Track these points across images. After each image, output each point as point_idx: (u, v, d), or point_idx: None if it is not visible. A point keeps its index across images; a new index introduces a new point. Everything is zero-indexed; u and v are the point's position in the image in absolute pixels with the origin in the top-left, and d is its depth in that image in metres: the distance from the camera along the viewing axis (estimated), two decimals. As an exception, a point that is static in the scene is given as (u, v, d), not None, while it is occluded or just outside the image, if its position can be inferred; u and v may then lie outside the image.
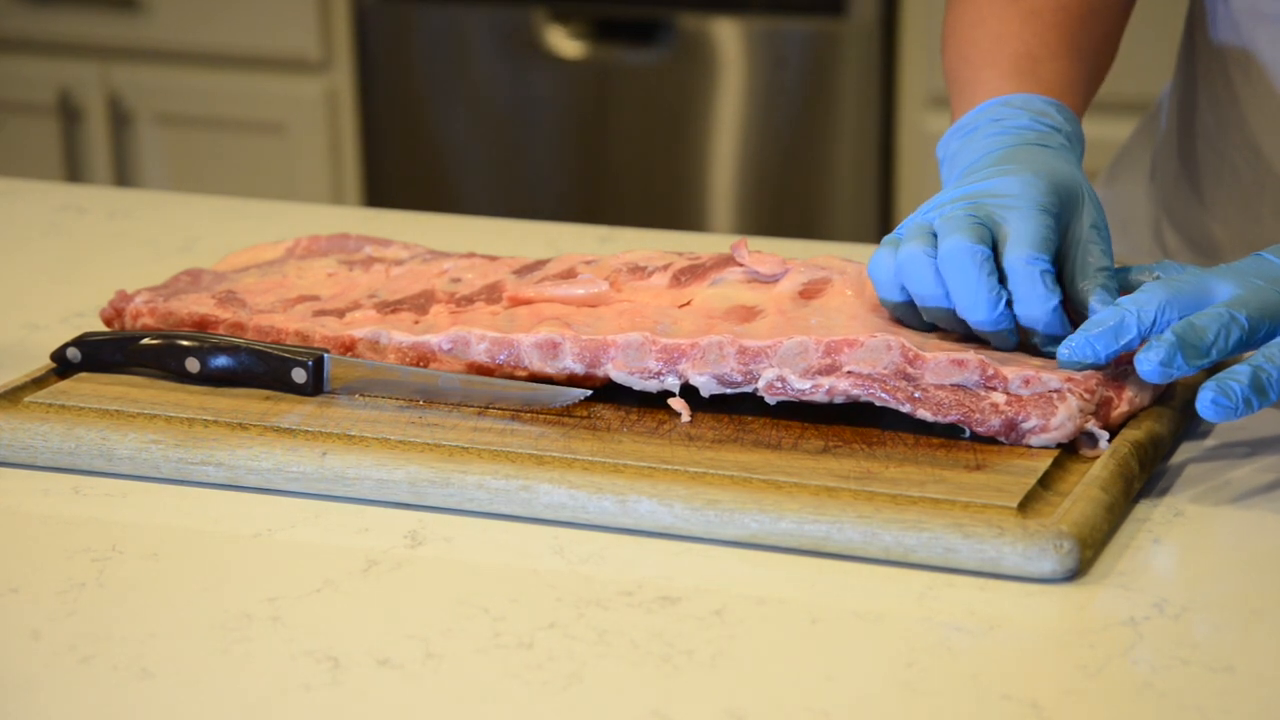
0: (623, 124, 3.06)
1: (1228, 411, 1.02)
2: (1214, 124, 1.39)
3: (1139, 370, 1.04)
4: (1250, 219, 1.37)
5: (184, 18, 3.20)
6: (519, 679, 0.88)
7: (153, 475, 1.08)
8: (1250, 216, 1.37)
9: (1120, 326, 1.05)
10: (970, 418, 1.04)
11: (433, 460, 1.05)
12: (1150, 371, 1.03)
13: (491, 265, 1.26)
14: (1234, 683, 0.86)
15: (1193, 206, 1.43)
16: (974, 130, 1.22)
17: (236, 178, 3.23)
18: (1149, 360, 1.03)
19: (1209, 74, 1.40)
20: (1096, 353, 1.06)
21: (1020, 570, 0.95)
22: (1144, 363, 1.04)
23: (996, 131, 1.20)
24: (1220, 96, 1.38)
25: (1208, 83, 1.40)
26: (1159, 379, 1.04)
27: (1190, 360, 1.03)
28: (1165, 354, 1.03)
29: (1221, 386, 1.02)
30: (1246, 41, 1.35)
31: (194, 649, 0.91)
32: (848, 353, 1.07)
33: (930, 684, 0.87)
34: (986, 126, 1.21)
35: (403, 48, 3.12)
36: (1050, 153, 1.17)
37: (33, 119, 3.30)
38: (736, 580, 0.97)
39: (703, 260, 1.20)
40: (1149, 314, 1.05)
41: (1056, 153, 1.17)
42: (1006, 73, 1.25)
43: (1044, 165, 1.14)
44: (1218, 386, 1.02)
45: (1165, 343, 1.03)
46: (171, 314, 1.21)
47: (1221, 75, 1.38)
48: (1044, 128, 1.20)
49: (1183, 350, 1.03)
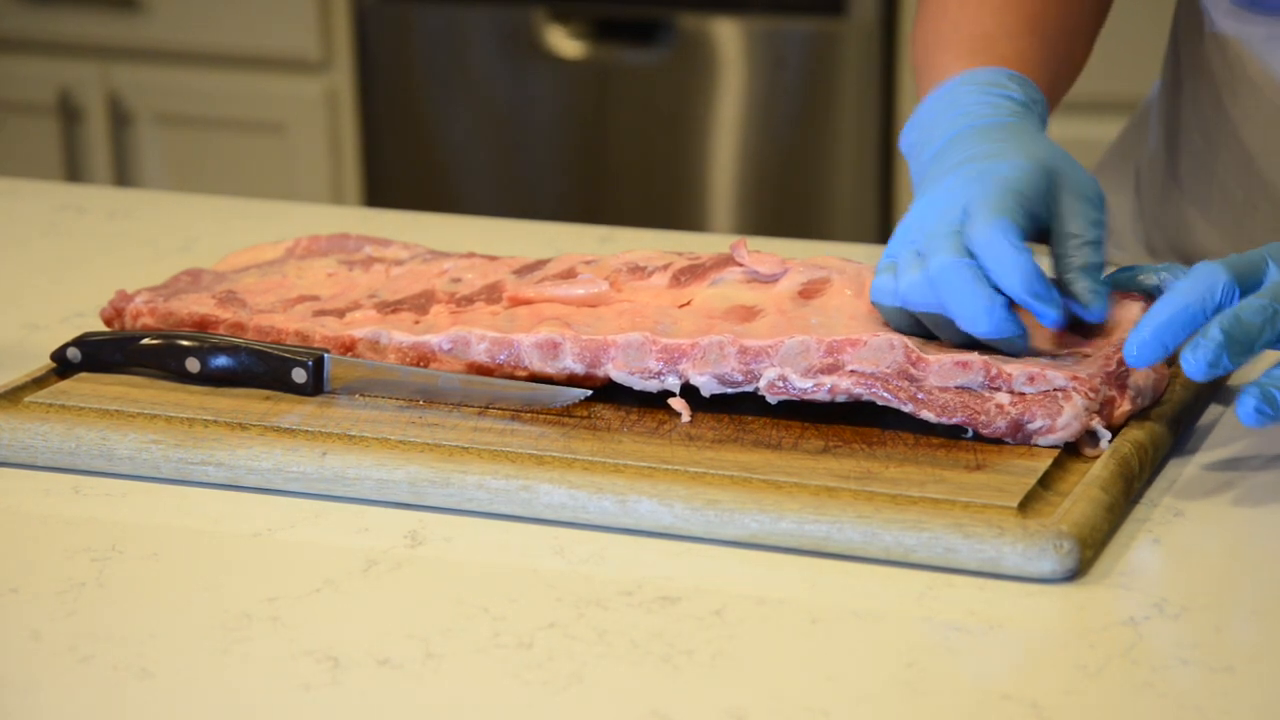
0: (623, 124, 3.06)
1: (1270, 420, 1.01)
2: (1202, 142, 1.38)
3: (1186, 370, 1.02)
4: (1244, 239, 1.36)
5: (184, 18, 3.20)
6: (519, 679, 0.88)
7: (153, 475, 1.08)
8: (1243, 236, 1.36)
9: (1186, 317, 1.03)
10: (975, 419, 1.04)
11: (433, 460, 1.05)
12: (1197, 372, 1.02)
13: (491, 265, 1.26)
14: (1234, 683, 0.86)
15: (1182, 224, 1.42)
16: (929, 114, 1.20)
17: (236, 178, 3.23)
18: (1197, 361, 1.01)
19: (1195, 92, 1.38)
20: (1166, 348, 1.04)
21: (1020, 570, 0.95)
22: (1190, 363, 1.02)
23: (950, 113, 1.18)
24: (1208, 115, 1.37)
25: (1194, 102, 1.38)
26: (1204, 378, 1.02)
27: (1235, 359, 1.02)
28: (1213, 354, 1.01)
29: (1266, 395, 1.01)
30: (1233, 59, 1.34)
31: (194, 649, 0.91)
32: (850, 352, 1.07)
33: (930, 684, 0.87)
34: (940, 107, 1.19)
35: (403, 48, 3.12)
36: (1009, 131, 1.14)
37: (33, 119, 3.30)
38: (736, 580, 0.97)
39: (703, 260, 1.20)
40: (1213, 299, 1.03)
41: (1015, 129, 1.15)
42: (962, 54, 1.23)
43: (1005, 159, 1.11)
44: (1261, 394, 1.01)
45: (1213, 342, 1.01)
46: (171, 314, 1.21)
47: (1209, 93, 1.37)
48: (996, 98, 1.18)
49: (1229, 349, 1.01)
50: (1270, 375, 1.02)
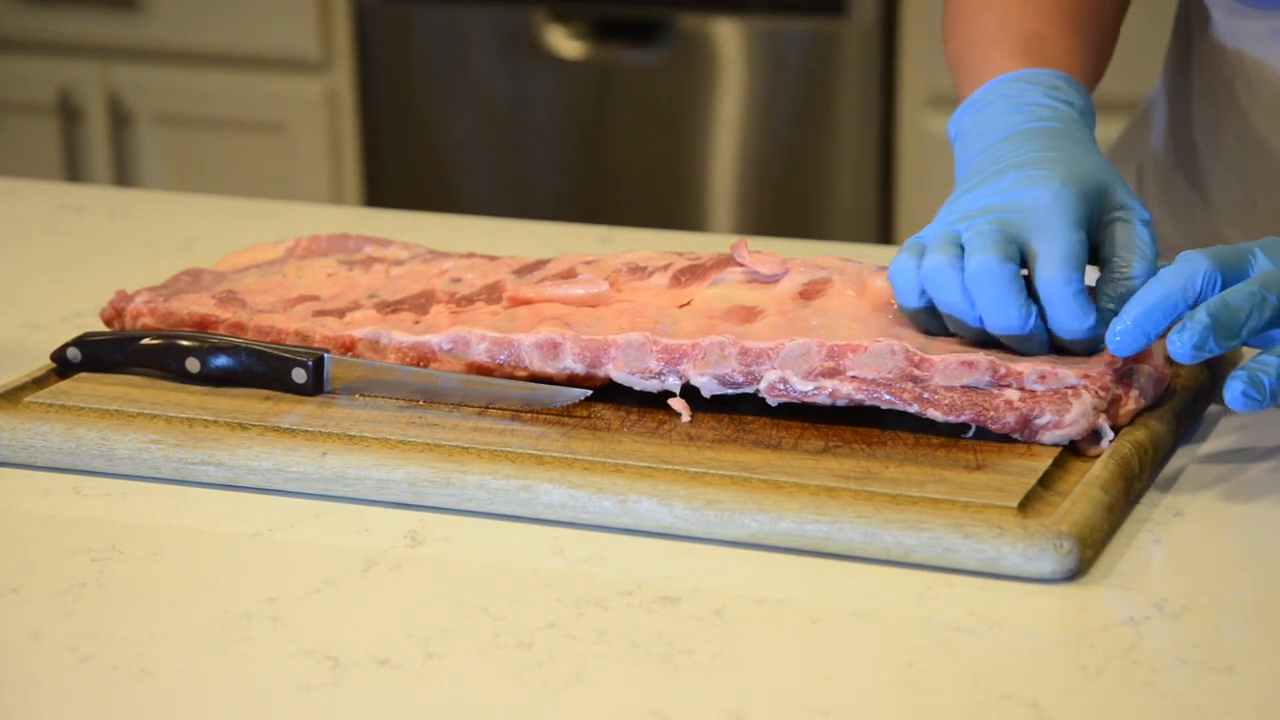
0: (623, 124, 3.06)
1: (1257, 404, 1.01)
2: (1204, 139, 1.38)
3: (1171, 352, 1.02)
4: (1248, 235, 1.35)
5: (184, 18, 3.20)
6: (519, 679, 0.88)
7: (153, 475, 1.08)
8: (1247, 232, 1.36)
9: (1167, 305, 1.04)
10: (984, 415, 1.04)
11: (433, 460, 1.05)
12: (1183, 354, 1.02)
13: (491, 265, 1.26)
14: (1234, 683, 0.86)
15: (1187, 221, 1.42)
16: (987, 106, 1.20)
17: (236, 178, 3.23)
18: (1183, 343, 1.02)
19: (1197, 89, 1.38)
20: (1148, 335, 1.04)
21: (1020, 570, 0.95)
22: (1176, 345, 1.02)
23: (1010, 109, 1.19)
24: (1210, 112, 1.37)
25: (1197, 99, 1.38)
26: (1190, 361, 1.02)
27: (1222, 342, 1.02)
28: (1199, 337, 1.01)
29: (1253, 379, 1.01)
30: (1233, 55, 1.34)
31: (194, 649, 0.91)
32: (851, 357, 1.07)
33: (930, 684, 0.87)
34: (1000, 102, 1.20)
35: (403, 48, 3.12)
36: (1069, 138, 1.15)
37: (33, 119, 3.30)
38: (736, 580, 0.97)
39: (703, 260, 1.20)
40: (1194, 288, 1.03)
41: (1075, 137, 1.15)
42: (1015, 51, 1.24)
43: (1070, 166, 1.11)
44: (1249, 378, 1.01)
45: (1199, 325, 1.02)
46: (171, 314, 1.21)
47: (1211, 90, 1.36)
48: (1057, 103, 1.18)
49: (1215, 333, 1.02)
50: (1259, 360, 1.02)
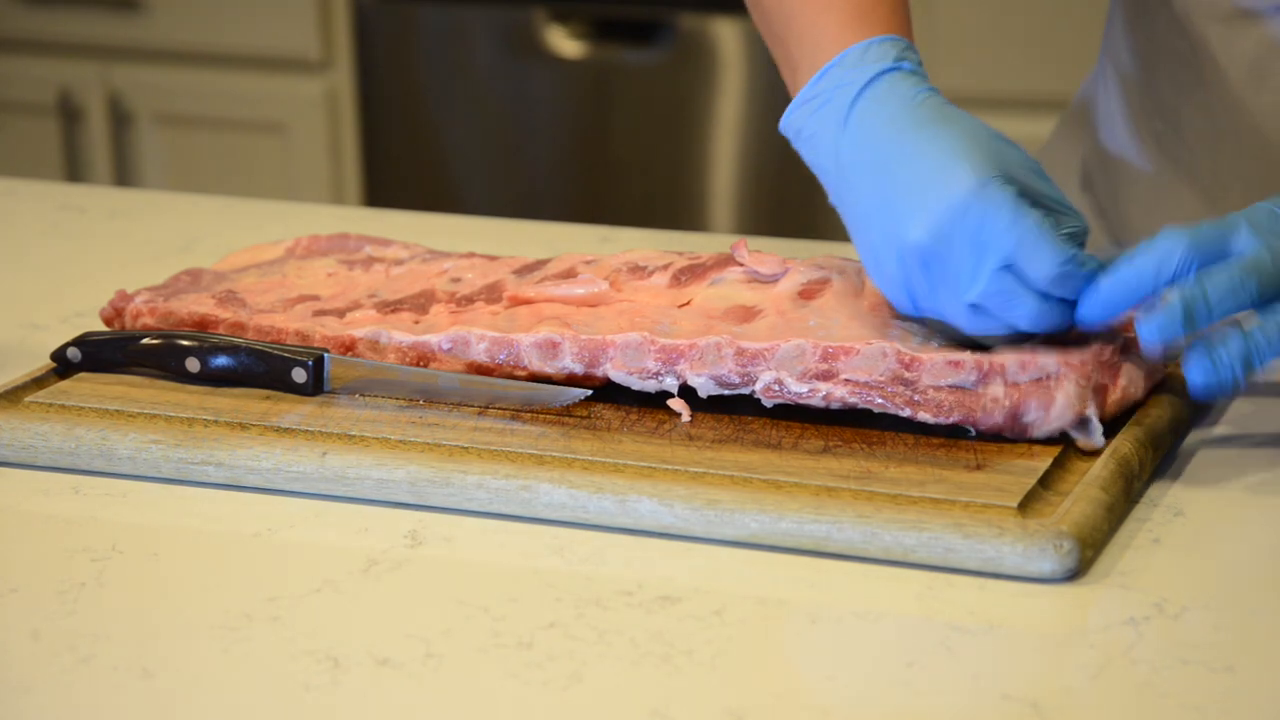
0: (623, 124, 3.06)
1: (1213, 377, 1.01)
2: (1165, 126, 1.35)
3: (1138, 332, 1.02)
4: None
5: (184, 18, 3.20)
6: (519, 679, 0.88)
7: (153, 475, 1.08)
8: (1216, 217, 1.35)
9: (1138, 282, 1.03)
10: (972, 416, 1.04)
11: (433, 460, 1.05)
12: (1149, 338, 1.02)
13: (491, 265, 1.26)
14: (1234, 683, 0.86)
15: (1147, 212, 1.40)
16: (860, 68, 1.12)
17: (236, 178, 3.23)
18: (1149, 326, 1.02)
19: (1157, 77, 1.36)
20: (1114, 309, 1.03)
21: (1020, 570, 0.95)
22: (1144, 329, 1.02)
23: (902, 102, 1.10)
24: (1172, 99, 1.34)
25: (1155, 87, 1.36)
26: (1156, 343, 1.02)
27: (1189, 328, 1.01)
28: (1166, 324, 1.01)
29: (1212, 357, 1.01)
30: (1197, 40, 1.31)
31: (194, 649, 0.91)
32: (844, 360, 1.07)
33: (930, 684, 0.87)
34: (886, 94, 1.11)
35: (403, 48, 3.12)
36: (960, 113, 1.09)
37: (33, 119, 3.30)
38: (736, 580, 0.97)
39: (703, 260, 1.20)
40: (1169, 267, 1.02)
41: (955, 111, 1.09)
42: (848, 18, 1.14)
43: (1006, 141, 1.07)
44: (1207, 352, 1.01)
45: (1170, 312, 1.01)
46: (171, 314, 1.21)
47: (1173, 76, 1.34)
48: (921, 72, 1.12)
49: (1184, 319, 1.01)
50: (1220, 334, 1.02)
